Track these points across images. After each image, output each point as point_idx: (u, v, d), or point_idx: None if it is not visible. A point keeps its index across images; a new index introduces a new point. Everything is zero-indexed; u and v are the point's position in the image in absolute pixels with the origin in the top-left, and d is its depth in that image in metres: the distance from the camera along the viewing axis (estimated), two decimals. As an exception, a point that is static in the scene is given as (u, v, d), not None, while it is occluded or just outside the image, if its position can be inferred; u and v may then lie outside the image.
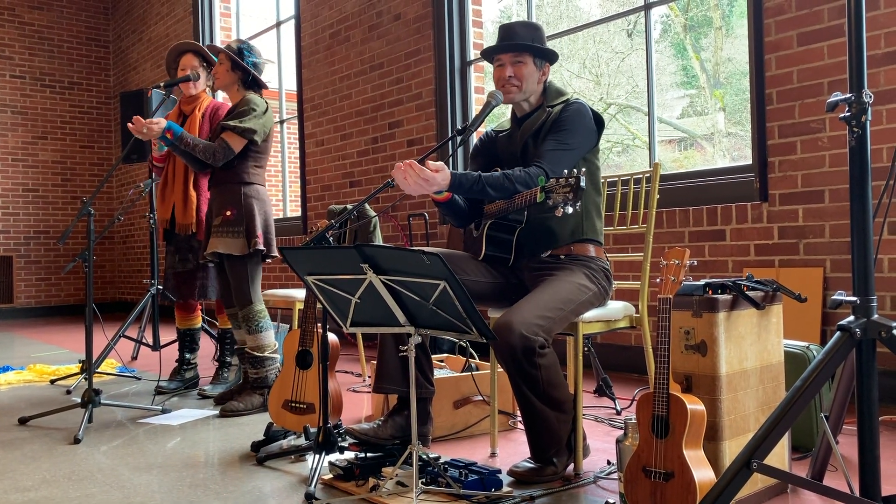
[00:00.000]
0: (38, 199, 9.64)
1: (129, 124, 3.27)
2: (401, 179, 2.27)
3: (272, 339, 3.42)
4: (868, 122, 1.65)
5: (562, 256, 2.47)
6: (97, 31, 10.14)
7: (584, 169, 2.14)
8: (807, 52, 3.54)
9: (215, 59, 3.66)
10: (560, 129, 2.44)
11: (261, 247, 3.33)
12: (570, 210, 2.11)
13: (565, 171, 2.18)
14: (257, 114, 3.33)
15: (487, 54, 2.58)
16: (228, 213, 3.33)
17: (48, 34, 9.76)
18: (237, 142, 3.32)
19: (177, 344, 4.14)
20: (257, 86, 3.50)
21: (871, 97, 1.65)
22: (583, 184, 2.10)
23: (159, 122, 3.26)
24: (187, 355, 4.05)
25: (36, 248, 9.61)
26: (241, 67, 3.42)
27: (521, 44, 2.51)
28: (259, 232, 3.34)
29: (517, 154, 2.57)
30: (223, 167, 3.39)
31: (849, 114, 1.66)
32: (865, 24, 1.68)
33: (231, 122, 3.30)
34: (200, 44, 3.86)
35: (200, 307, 4.14)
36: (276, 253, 3.40)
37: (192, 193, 3.73)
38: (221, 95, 6.11)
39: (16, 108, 9.50)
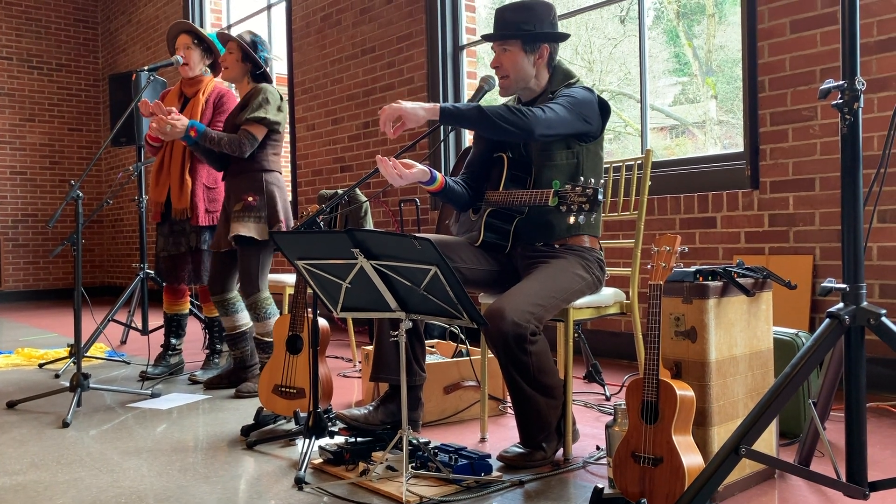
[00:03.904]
0: (25, 181, 9.56)
1: (152, 124, 3.26)
2: (383, 172, 2.31)
3: None
4: (860, 110, 1.65)
5: (557, 246, 2.47)
6: (86, 13, 10.03)
7: (601, 181, 2.08)
8: (800, 40, 3.53)
9: (217, 43, 3.64)
10: (560, 97, 2.36)
11: None
12: (582, 220, 2.07)
13: (582, 178, 2.15)
14: (273, 105, 3.36)
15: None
16: (250, 198, 3.36)
17: (36, 15, 9.65)
18: (260, 131, 3.37)
19: (164, 329, 4.13)
20: (266, 80, 3.51)
21: (863, 85, 1.64)
22: (600, 197, 2.04)
23: (181, 120, 3.27)
24: (173, 340, 4.02)
25: (24, 231, 9.54)
26: (252, 60, 3.42)
27: (502, 33, 2.44)
28: (282, 218, 3.40)
29: (520, 142, 2.54)
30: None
31: (841, 101, 1.66)
32: (859, 12, 1.67)
33: (258, 115, 3.32)
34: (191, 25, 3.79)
35: (189, 293, 4.12)
36: None
37: (188, 178, 3.69)
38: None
39: (3, 90, 9.40)
